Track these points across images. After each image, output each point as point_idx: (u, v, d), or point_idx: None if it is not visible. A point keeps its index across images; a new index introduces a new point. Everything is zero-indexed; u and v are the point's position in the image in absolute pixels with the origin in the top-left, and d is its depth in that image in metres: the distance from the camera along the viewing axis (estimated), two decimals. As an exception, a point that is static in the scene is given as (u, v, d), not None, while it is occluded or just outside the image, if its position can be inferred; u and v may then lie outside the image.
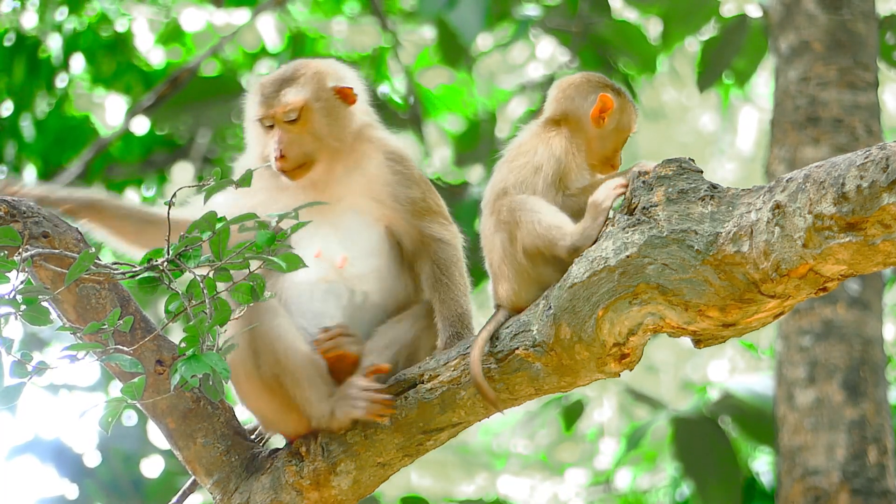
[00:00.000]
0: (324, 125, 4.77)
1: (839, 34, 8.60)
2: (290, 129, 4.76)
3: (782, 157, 8.53)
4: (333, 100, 4.81)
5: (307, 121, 4.76)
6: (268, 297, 4.05)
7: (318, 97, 4.78)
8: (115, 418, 3.90)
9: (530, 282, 4.49)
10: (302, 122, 4.76)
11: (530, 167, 4.58)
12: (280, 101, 4.76)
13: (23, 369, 3.87)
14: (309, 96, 4.77)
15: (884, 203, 3.83)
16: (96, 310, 4.67)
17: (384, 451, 4.67)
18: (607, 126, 4.67)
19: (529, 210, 4.47)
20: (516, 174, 4.58)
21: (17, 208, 4.64)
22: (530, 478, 15.57)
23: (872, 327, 8.34)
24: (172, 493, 5.18)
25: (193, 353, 3.90)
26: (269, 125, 4.79)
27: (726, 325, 4.22)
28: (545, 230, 4.43)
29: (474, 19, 10.38)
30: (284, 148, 4.74)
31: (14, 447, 11.33)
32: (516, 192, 4.54)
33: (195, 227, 4.02)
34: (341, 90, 4.82)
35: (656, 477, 12.79)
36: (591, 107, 4.65)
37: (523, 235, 4.47)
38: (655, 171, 4.29)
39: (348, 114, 4.84)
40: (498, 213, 4.55)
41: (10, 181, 4.77)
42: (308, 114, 4.77)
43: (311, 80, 4.78)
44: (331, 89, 4.81)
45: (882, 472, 8.13)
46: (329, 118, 4.78)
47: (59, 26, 12.03)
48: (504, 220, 4.53)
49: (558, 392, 4.54)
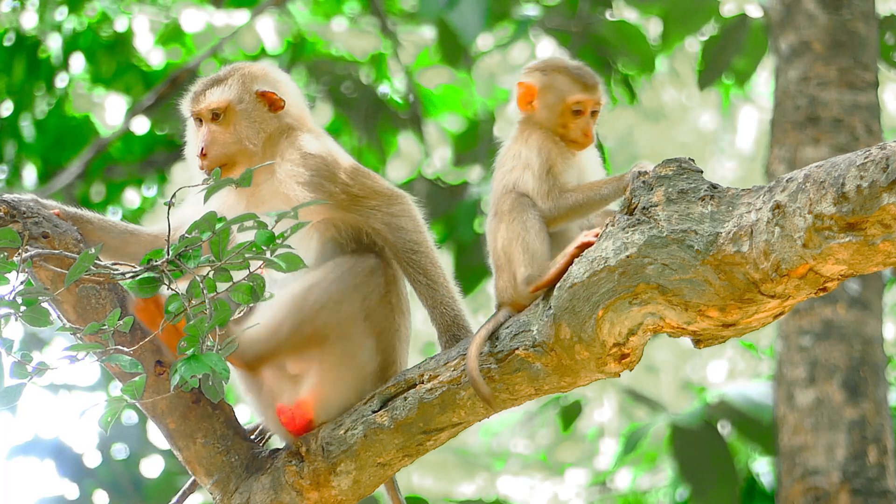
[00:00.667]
0: (244, 127, 4.81)
1: (839, 34, 8.61)
2: (214, 128, 4.83)
3: (782, 157, 8.53)
4: (257, 103, 4.86)
5: (229, 121, 4.82)
6: (268, 297, 4.05)
7: (241, 99, 4.84)
8: (115, 418, 3.90)
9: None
10: (225, 122, 4.82)
11: (519, 169, 4.63)
12: (206, 98, 4.83)
13: (23, 370, 3.87)
14: (232, 97, 4.83)
15: (884, 203, 3.83)
16: (96, 310, 4.67)
17: (384, 451, 4.67)
18: (541, 107, 4.68)
19: (523, 223, 4.51)
20: (510, 178, 4.62)
21: (17, 209, 4.64)
22: (530, 478, 15.57)
23: (872, 327, 8.34)
24: (172, 493, 5.17)
25: (193, 354, 3.90)
26: (198, 122, 4.86)
27: (726, 325, 4.22)
28: (520, 250, 4.48)
29: (474, 19, 10.38)
30: (207, 146, 4.81)
31: (14, 447, 11.33)
32: (517, 193, 4.56)
33: (195, 227, 4.02)
34: (266, 95, 4.86)
35: (656, 477, 12.79)
36: (515, 99, 4.73)
37: (503, 237, 4.52)
38: (655, 171, 4.29)
39: (270, 118, 4.87)
40: (499, 206, 4.59)
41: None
42: (231, 114, 4.82)
43: (238, 82, 4.85)
44: (255, 93, 4.86)
45: (882, 472, 8.14)
46: (250, 121, 4.82)
47: (58, 26, 12.04)
48: (504, 210, 4.56)
49: (558, 392, 4.54)
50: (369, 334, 4.75)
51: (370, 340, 4.75)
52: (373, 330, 4.75)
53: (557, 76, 4.69)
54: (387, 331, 4.78)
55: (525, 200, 4.58)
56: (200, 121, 4.85)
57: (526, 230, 4.53)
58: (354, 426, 4.68)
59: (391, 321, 4.79)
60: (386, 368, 4.78)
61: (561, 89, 4.69)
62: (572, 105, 4.67)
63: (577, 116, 4.68)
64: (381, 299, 4.76)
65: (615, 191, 4.51)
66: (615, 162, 14.15)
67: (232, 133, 4.81)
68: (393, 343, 4.79)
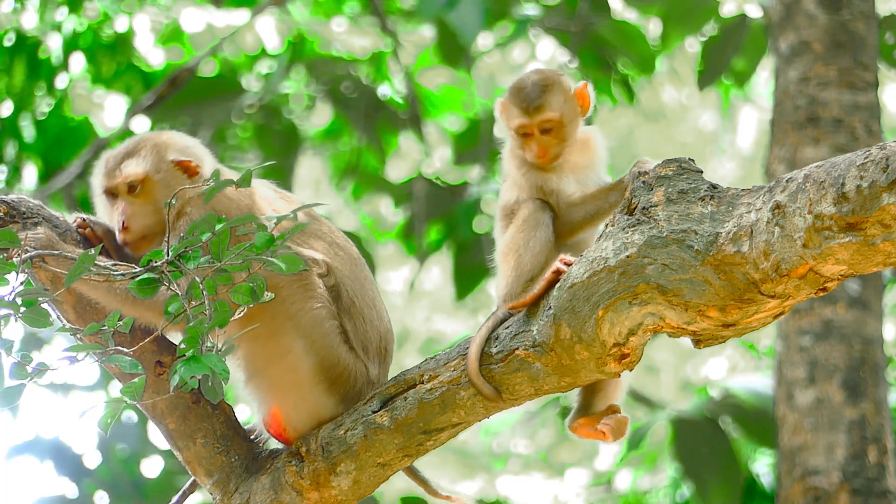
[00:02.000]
0: (163, 197, 4.78)
1: (839, 34, 8.61)
2: (132, 201, 4.81)
3: (782, 157, 8.53)
4: (174, 172, 4.85)
5: (148, 193, 4.80)
6: (268, 298, 4.05)
7: (158, 169, 4.82)
8: (115, 419, 3.90)
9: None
10: (143, 195, 4.80)
11: (513, 185, 4.68)
12: (122, 172, 4.80)
13: (23, 371, 3.87)
14: (149, 169, 4.81)
15: (884, 203, 3.83)
16: (96, 310, 4.67)
17: (384, 451, 4.67)
18: (504, 129, 4.74)
19: (526, 239, 4.53)
20: (509, 195, 4.68)
21: (17, 209, 4.63)
22: (530, 478, 15.57)
23: (872, 327, 8.34)
24: (172, 493, 5.17)
25: (193, 355, 3.90)
26: (113, 196, 4.83)
27: (726, 325, 4.22)
28: (511, 265, 4.49)
29: (474, 19, 10.38)
30: (128, 220, 4.77)
31: (14, 447, 11.33)
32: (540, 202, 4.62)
33: (195, 228, 4.02)
34: (181, 163, 4.85)
35: (657, 477, 12.79)
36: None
37: (502, 246, 4.58)
38: (655, 171, 4.29)
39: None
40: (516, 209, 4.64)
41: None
42: (148, 186, 4.81)
43: (152, 153, 4.83)
44: (171, 162, 4.85)
45: (882, 472, 8.14)
46: (168, 190, 4.78)
47: (58, 26, 12.03)
48: (520, 217, 4.59)
49: (558, 392, 4.54)
50: (298, 336, 4.75)
51: (300, 341, 4.75)
52: (299, 332, 4.76)
53: (508, 101, 4.70)
54: (317, 331, 4.76)
55: (541, 217, 4.58)
56: (115, 195, 4.82)
57: (525, 247, 4.54)
58: (354, 426, 4.68)
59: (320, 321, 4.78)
60: (330, 369, 4.77)
61: (508, 114, 4.71)
62: (517, 129, 4.69)
63: (527, 139, 4.68)
64: (304, 301, 4.75)
65: (622, 195, 4.50)
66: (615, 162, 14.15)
67: (151, 204, 4.79)
68: (329, 342, 4.78)
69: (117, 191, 4.81)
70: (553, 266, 4.40)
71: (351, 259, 4.90)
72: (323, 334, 4.73)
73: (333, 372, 4.74)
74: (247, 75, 12.38)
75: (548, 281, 4.40)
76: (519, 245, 4.54)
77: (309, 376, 4.72)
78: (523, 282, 4.48)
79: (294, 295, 4.72)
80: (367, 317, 4.85)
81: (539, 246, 4.54)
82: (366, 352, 4.82)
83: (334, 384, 4.74)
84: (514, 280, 4.49)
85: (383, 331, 4.89)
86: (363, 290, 4.86)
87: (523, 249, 4.52)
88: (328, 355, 4.74)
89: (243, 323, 4.17)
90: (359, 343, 4.81)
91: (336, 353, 4.75)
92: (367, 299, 4.87)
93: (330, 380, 4.74)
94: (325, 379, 4.73)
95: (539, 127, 4.64)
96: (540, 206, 4.59)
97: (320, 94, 12.25)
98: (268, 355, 4.72)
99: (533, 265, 4.50)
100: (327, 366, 4.74)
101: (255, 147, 12.15)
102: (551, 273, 4.39)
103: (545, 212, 4.59)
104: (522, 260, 4.50)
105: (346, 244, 4.94)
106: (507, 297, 4.51)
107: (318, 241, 4.86)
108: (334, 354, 4.75)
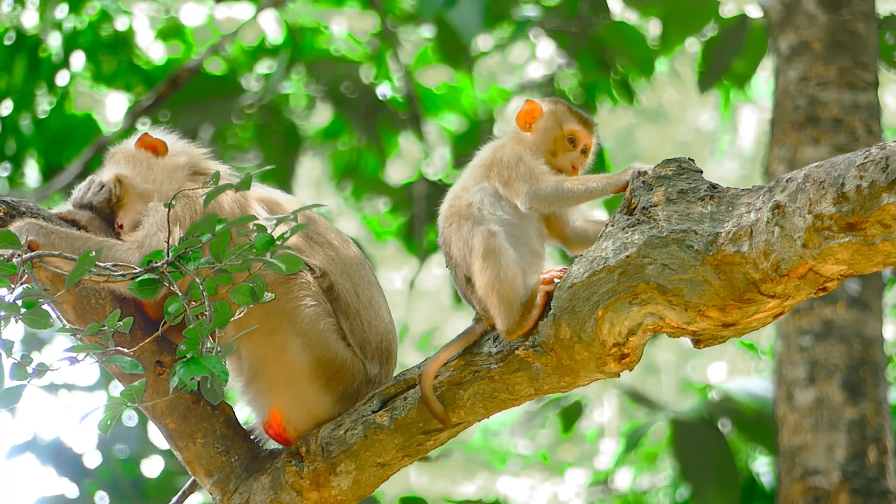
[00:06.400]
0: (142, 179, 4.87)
1: (839, 34, 8.61)
2: (122, 205, 4.87)
3: (782, 157, 8.53)
4: (140, 154, 4.92)
5: (127, 189, 4.87)
6: (268, 298, 4.05)
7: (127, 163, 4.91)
8: (115, 421, 3.90)
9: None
10: (126, 194, 4.87)
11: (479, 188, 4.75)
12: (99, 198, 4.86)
13: (23, 371, 3.87)
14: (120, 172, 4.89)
15: (883, 203, 3.83)
16: (96, 310, 4.67)
17: (384, 451, 4.67)
18: (539, 129, 4.79)
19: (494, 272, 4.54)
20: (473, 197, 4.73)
21: (17, 209, 4.63)
22: (530, 478, 15.57)
23: (872, 327, 8.34)
24: (172, 493, 5.17)
25: (193, 356, 3.90)
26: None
27: (726, 325, 4.22)
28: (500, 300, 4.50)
29: (473, 18, 10.39)
30: (120, 221, 4.85)
31: (14, 447, 11.33)
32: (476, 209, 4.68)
33: (195, 228, 4.02)
34: (141, 141, 4.93)
35: (656, 477, 12.79)
36: (517, 113, 4.86)
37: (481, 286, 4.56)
38: (655, 171, 4.29)
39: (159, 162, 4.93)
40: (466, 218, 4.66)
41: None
42: (125, 183, 4.87)
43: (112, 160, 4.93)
44: (132, 149, 4.93)
45: (882, 472, 8.14)
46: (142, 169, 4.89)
47: (59, 25, 12.03)
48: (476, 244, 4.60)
49: (558, 392, 4.54)
50: (294, 333, 4.76)
51: (296, 338, 4.75)
52: (295, 329, 4.76)
53: (562, 107, 4.85)
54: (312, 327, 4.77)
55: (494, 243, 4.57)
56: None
57: (501, 280, 4.53)
58: (354, 426, 4.68)
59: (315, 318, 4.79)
60: (327, 365, 4.78)
61: (561, 118, 4.81)
62: (567, 133, 4.78)
63: (569, 146, 4.77)
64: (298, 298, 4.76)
65: (603, 187, 4.51)
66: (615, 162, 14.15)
67: (136, 195, 4.84)
68: (325, 339, 4.78)
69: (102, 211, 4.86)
70: (541, 291, 4.44)
71: (347, 259, 4.91)
72: (319, 331, 4.74)
73: (331, 368, 4.75)
74: (247, 75, 12.38)
75: (542, 306, 4.44)
76: (493, 280, 4.53)
77: (306, 372, 4.73)
78: (516, 308, 4.49)
79: (289, 293, 4.72)
80: (364, 316, 4.86)
81: (510, 270, 4.53)
82: (364, 351, 4.82)
83: (332, 381, 4.74)
84: (507, 311, 4.49)
85: (382, 331, 4.89)
86: (360, 289, 4.87)
87: (499, 282, 4.52)
88: (325, 352, 4.74)
89: (240, 324, 4.18)
90: (356, 342, 4.81)
91: (333, 350, 4.76)
92: (363, 299, 4.87)
93: (328, 376, 4.74)
94: (322, 375, 4.74)
95: (585, 141, 4.80)
96: (488, 234, 4.60)
97: (320, 94, 12.25)
98: (264, 353, 4.73)
99: (515, 289, 4.50)
100: (324, 362, 4.75)
101: (255, 147, 12.16)
102: (542, 298, 4.43)
103: (495, 237, 4.60)
104: (504, 292, 4.50)
105: (343, 244, 4.94)
106: (511, 330, 4.51)
107: (312, 243, 4.87)
108: (331, 351, 4.75)
